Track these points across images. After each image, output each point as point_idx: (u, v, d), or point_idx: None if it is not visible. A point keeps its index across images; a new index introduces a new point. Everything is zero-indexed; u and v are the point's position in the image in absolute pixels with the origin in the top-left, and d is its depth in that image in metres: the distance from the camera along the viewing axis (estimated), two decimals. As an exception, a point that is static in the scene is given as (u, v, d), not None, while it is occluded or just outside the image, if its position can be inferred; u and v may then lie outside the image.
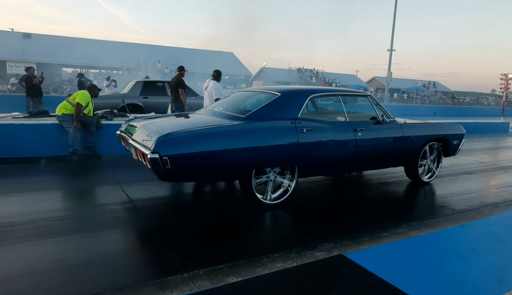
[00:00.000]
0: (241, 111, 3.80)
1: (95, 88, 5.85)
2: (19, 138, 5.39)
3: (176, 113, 4.61)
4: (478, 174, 5.82)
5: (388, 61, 27.59)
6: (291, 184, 3.70)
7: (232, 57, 43.90)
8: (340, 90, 4.52)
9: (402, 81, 46.85)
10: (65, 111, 5.47)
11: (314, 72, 43.83)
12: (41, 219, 3.13)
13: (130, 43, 38.36)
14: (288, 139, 3.50)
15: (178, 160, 3.00)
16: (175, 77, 7.39)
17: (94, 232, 2.97)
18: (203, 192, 4.27)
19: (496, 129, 12.98)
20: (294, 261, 2.55)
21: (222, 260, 2.51)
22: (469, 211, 3.85)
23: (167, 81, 10.07)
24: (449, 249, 2.79)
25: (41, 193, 3.91)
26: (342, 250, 2.73)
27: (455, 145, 5.07)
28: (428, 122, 5.06)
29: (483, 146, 9.17)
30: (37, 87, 10.01)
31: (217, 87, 6.56)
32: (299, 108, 3.72)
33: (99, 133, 5.76)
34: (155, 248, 2.71)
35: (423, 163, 4.84)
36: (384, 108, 4.45)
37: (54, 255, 2.52)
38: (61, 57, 31.58)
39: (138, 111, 9.21)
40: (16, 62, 28.40)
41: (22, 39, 33.46)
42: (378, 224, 3.36)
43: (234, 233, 3.08)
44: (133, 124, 3.88)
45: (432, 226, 3.37)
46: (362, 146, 4.00)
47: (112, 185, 4.25)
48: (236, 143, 3.25)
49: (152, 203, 3.77)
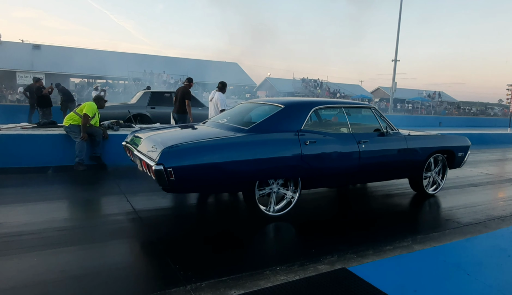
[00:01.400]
0: (244, 123, 3.84)
1: (102, 100, 5.95)
2: (27, 148, 5.47)
3: (181, 124, 4.66)
4: (485, 186, 5.76)
5: (393, 71, 27.63)
6: (294, 196, 3.70)
7: (236, 67, 44.31)
8: (344, 102, 4.54)
9: (407, 91, 46.77)
10: (72, 122, 5.56)
11: (318, 82, 44.00)
12: (48, 229, 3.17)
13: (136, 54, 38.96)
14: (292, 152, 3.51)
15: (182, 171, 3.03)
16: (182, 88, 7.35)
17: (99, 242, 3.00)
18: (207, 203, 4.29)
19: (503, 141, 12.84)
20: (297, 274, 2.55)
21: (225, 272, 2.52)
22: (475, 225, 3.81)
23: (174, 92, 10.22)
24: (454, 263, 2.75)
25: (48, 203, 3.95)
26: (345, 263, 2.72)
27: (460, 157, 5.04)
28: (433, 134, 5.06)
29: (490, 158, 9.08)
30: (47, 98, 10.19)
31: (222, 98, 6.62)
32: (302, 121, 3.75)
33: (105, 144, 5.84)
34: (158, 260, 2.72)
35: (428, 175, 4.81)
36: (387, 120, 4.46)
37: (59, 266, 2.55)
38: (69, 68, 32.13)
39: (145, 122, 9.34)
40: (26, 73, 28.93)
41: (32, 50, 34.18)
42: (382, 237, 3.35)
43: (237, 245, 3.08)
44: (139, 135, 3.93)
45: (437, 239, 3.34)
46: (366, 158, 4.00)
47: (117, 195, 4.29)
48: (240, 155, 3.28)
49: (156, 214, 3.80)
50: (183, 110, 7.21)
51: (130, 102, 10.25)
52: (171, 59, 40.34)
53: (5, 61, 30.61)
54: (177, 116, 7.33)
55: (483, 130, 15.56)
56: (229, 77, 36.62)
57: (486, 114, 43.15)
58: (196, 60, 41.83)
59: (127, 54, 37.93)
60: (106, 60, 33.29)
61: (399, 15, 26.68)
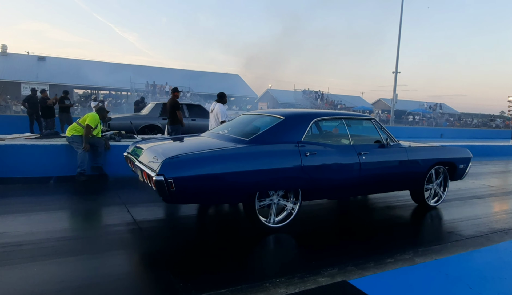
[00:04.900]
0: (245, 134, 3.85)
1: (104, 111, 6.01)
2: (30, 158, 5.51)
3: (182, 135, 4.69)
4: (487, 198, 5.73)
5: (394, 83, 27.79)
6: (295, 207, 3.70)
7: (238, 79, 44.67)
8: (344, 114, 4.56)
9: (408, 103, 46.92)
10: (75, 133, 5.60)
11: (319, 94, 44.19)
12: (48, 239, 3.17)
13: (139, 66, 39.45)
14: (292, 163, 3.52)
15: (183, 182, 3.04)
16: (170, 99, 7.62)
17: (99, 253, 2.99)
18: (207, 214, 4.28)
19: (506, 152, 12.79)
20: (297, 286, 2.53)
21: (224, 284, 2.50)
22: (478, 237, 3.77)
23: (185, 103, 10.42)
24: (456, 277, 2.72)
25: (49, 213, 3.96)
26: (346, 276, 2.70)
27: (461, 169, 5.03)
28: (433, 145, 5.06)
29: (492, 170, 9.05)
30: (51, 109, 10.30)
31: (223, 109, 6.68)
32: (302, 132, 3.77)
33: (106, 154, 5.87)
34: (158, 271, 2.71)
35: (429, 186, 4.80)
36: (388, 131, 4.47)
37: (59, 276, 2.54)
38: (73, 79, 32.54)
39: (156, 132, 9.45)
40: (30, 84, 29.26)
41: (37, 62, 34.66)
42: (383, 249, 3.32)
43: (236, 257, 3.06)
44: (140, 146, 3.95)
45: (439, 252, 3.31)
46: (366, 170, 4.00)
47: (118, 206, 4.29)
48: (240, 166, 3.29)
49: (156, 225, 3.79)
50: (175, 121, 7.51)
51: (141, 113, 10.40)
52: (173, 70, 40.81)
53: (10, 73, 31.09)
54: (170, 128, 7.60)
55: (485, 142, 15.51)
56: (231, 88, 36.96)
57: (488, 126, 43.06)
58: (198, 72, 42.28)
59: (130, 65, 38.42)
60: (109, 72, 33.69)
61: (399, 28, 27.01)
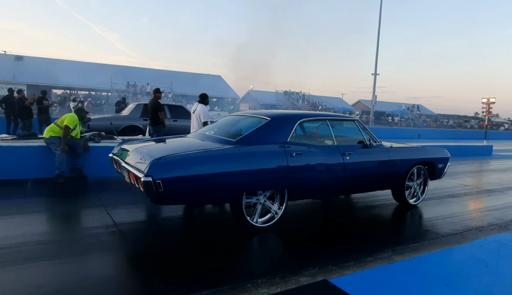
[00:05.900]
0: (232, 135, 3.86)
1: (83, 111, 5.86)
2: (6, 160, 5.32)
3: (168, 136, 4.63)
4: (462, 197, 5.92)
5: (373, 84, 28.38)
6: (278, 212, 3.73)
7: (219, 80, 44.53)
8: (328, 115, 4.63)
9: (387, 104, 47.95)
10: (53, 134, 5.44)
11: (300, 95, 44.58)
12: (25, 243, 3.07)
13: (120, 66, 38.68)
14: (278, 163, 3.55)
15: (171, 183, 3.02)
16: (152, 100, 7.52)
17: (78, 256, 2.91)
18: (189, 215, 4.25)
19: (480, 152, 13.26)
20: (278, 286, 2.54)
21: (206, 285, 2.49)
22: (454, 235, 3.90)
23: (167, 104, 10.31)
24: (433, 274, 2.80)
25: (26, 216, 3.83)
26: (326, 275, 2.74)
27: (440, 169, 5.19)
28: (414, 146, 5.20)
29: (467, 169, 9.38)
30: (28, 109, 9.99)
31: (205, 110, 6.66)
32: (288, 133, 3.80)
33: (85, 156, 5.73)
34: (139, 274, 2.68)
35: (410, 184, 4.93)
36: (371, 132, 4.57)
37: (37, 280, 2.47)
38: (51, 79, 31.54)
39: (137, 134, 9.30)
40: (7, 84, 28.21)
41: (14, 61, 33.46)
42: (362, 248, 3.38)
43: (218, 258, 3.04)
44: (126, 147, 3.89)
45: (416, 250, 3.40)
46: (350, 170, 4.07)
47: (98, 208, 4.19)
48: (227, 167, 3.29)
49: (137, 227, 3.73)
50: (157, 122, 7.44)
51: (122, 114, 10.23)
52: (154, 71, 40.28)
53: (-14, 72, 29.85)
54: (152, 129, 7.52)
55: (460, 142, 16.03)
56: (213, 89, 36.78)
57: (463, 127, 44.52)
58: (180, 73, 41.87)
59: (111, 65, 37.62)
60: (89, 72, 32.90)
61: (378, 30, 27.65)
